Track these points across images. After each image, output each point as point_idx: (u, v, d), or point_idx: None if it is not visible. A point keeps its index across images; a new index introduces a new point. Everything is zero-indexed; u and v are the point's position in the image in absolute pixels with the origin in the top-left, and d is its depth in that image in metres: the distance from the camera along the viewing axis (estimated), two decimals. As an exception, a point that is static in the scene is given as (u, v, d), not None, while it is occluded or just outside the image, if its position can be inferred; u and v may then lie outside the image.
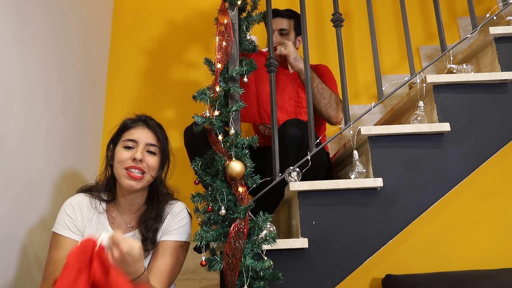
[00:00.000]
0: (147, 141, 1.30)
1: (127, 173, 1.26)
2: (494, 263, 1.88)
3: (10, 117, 1.44)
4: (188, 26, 2.53)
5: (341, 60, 1.44)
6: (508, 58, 1.44)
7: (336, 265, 1.24)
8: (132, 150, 1.29)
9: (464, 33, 2.46)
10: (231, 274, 1.14)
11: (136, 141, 1.29)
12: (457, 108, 1.38)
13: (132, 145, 1.29)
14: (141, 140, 1.30)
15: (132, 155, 1.27)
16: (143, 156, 1.27)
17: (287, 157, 1.36)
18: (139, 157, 1.26)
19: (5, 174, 1.39)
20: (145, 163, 1.28)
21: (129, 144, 1.29)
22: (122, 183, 1.27)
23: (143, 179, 1.28)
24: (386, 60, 2.46)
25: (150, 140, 1.31)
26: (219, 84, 1.32)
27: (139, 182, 1.27)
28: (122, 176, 1.27)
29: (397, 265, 1.88)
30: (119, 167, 1.27)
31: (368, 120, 2.16)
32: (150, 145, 1.31)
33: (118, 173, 1.28)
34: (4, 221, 1.38)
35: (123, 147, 1.29)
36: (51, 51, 1.75)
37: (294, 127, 1.46)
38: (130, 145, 1.29)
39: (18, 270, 1.43)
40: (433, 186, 1.31)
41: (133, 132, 1.31)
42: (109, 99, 2.36)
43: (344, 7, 2.52)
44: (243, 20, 1.45)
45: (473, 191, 2.01)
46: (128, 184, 1.26)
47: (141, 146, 1.29)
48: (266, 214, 1.20)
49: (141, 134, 1.31)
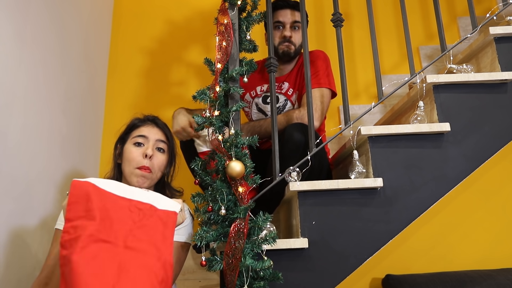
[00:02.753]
0: (157, 137, 1.32)
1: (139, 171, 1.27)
2: (494, 263, 1.88)
3: (10, 117, 1.44)
4: (188, 26, 2.53)
5: (341, 60, 1.44)
6: (508, 58, 1.44)
7: (336, 265, 1.24)
8: (142, 146, 1.30)
9: (464, 33, 2.46)
10: (231, 274, 1.14)
11: (146, 137, 1.31)
12: (457, 108, 1.38)
13: (142, 141, 1.31)
14: (151, 137, 1.31)
15: (143, 152, 1.28)
16: (153, 152, 1.29)
17: (290, 162, 1.35)
18: (150, 153, 1.28)
19: (6, 174, 1.39)
20: (154, 161, 1.29)
21: (139, 140, 1.30)
22: (131, 181, 1.27)
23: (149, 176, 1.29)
24: (386, 60, 2.46)
25: (160, 137, 1.33)
26: (219, 84, 1.32)
27: (146, 179, 1.28)
28: (132, 175, 1.27)
29: (397, 265, 1.88)
30: (129, 165, 1.28)
31: (368, 120, 2.15)
32: (160, 141, 1.33)
33: (128, 171, 1.29)
34: (5, 221, 1.38)
35: (133, 144, 1.31)
36: (51, 51, 1.75)
37: (298, 132, 1.45)
38: (140, 141, 1.31)
39: (18, 270, 1.43)
40: (433, 186, 1.31)
41: (142, 129, 1.33)
42: (109, 99, 2.36)
43: (344, 7, 2.52)
44: (243, 20, 1.45)
45: (473, 191, 2.01)
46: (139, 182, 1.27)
47: (152, 142, 1.31)
48: (266, 214, 1.19)
49: (150, 131, 1.33)
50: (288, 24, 1.76)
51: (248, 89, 1.85)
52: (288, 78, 1.81)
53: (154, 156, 1.29)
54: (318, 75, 1.72)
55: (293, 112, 1.65)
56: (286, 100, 1.80)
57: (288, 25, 1.76)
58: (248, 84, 1.80)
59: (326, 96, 1.71)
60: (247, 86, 1.82)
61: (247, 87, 1.83)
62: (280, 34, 1.76)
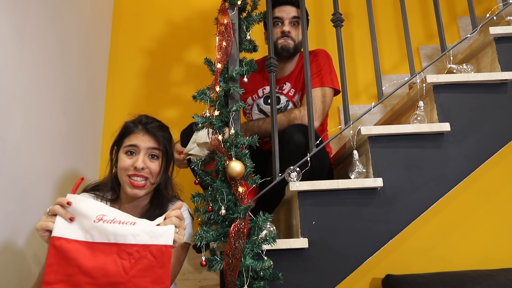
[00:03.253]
0: (148, 146, 1.30)
1: (130, 182, 1.26)
2: (494, 263, 1.88)
3: (10, 117, 1.44)
4: (188, 26, 2.53)
5: (341, 60, 1.44)
6: (508, 58, 1.44)
7: (336, 265, 1.24)
8: (134, 156, 1.29)
9: (464, 33, 2.46)
10: (231, 274, 1.14)
11: (137, 146, 1.29)
12: (457, 108, 1.38)
13: (133, 150, 1.30)
14: (142, 146, 1.29)
15: (133, 163, 1.27)
16: (144, 164, 1.27)
17: (290, 163, 1.34)
18: (140, 165, 1.26)
19: (6, 174, 1.39)
20: (148, 169, 1.28)
21: (130, 149, 1.30)
22: (126, 190, 1.27)
23: (146, 186, 1.28)
24: (386, 60, 2.46)
25: (151, 145, 1.30)
26: (219, 84, 1.32)
27: (142, 189, 1.27)
28: (125, 184, 1.27)
29: (397, 265, 1.88)
30: (122, 174, 1.28)
31: (368, 120, 2.16)
32: (151, 149, 1.30)
33: (122, 179, 1.29)
34: (5, 221, 1.38)
35: (125, 153, 1.30)
36: (51, 51, 1.75)
37: (299, 133, 1.44)
38: (131, 150, 1.30)
39: (19, 271, 1.43)
40: (433, 186, 1.31)
41: (132, 138, 1.31)
42: (109, 99, 2.36)
43: (344, 7, 2.52)
44: (243, 20, 1.45)
45: (473, 191, 2.01)
46: (132, 192, 1.26)
47: (142, 152, 1.29)
48: (266, 214, 1.19)
49: (141, 141, 1.30)
50: (287, 20, 1.73)
51: (251, 93, 1.84)
52: (289, 78, 1.80)
53: (146, 165, 1.27)
54: (319, 74, 1.71)
55: (292, 112, 1.65)
56: (288, 101, 1.79)
57: (287, 21, 1.73)
58: (250, 87, 1.80)
59: (328, 95, 1.69)
60: (250, 89, 1.82)
61: (250, 90, 1.83)
62: (279, 30, 1.74)
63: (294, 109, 1.66)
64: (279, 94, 1.79)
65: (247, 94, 1.84)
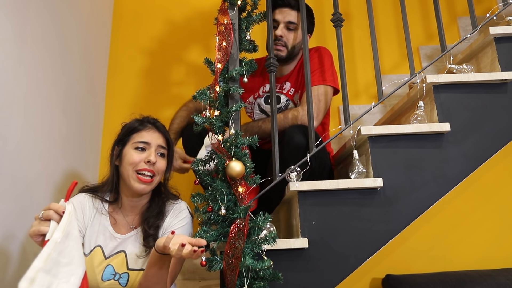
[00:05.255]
0: (158, 143, 1.32)
1: (137, 177, 1.27)
2: (494, 263, 1.88)
3: (10, 117, 1.44)
4: (188, 26, 2.53)
5: (341, 60, 1.44)
6: (508, 58, 1.44)
7: (336, 265, 1.24)
8: (144, 152, 1.30)
9: (464, 33, 2.46)
10: (231, 274, 1.14)
11: (148, 143, 1.30)
12: (457, 108, 1.38)
13: (144, 146, 1.30)
14: (153, 143, 1.31)
15: (145, 157, 1.28)
16: (156, 159, 1.29)
17: (290, 164, 1.34)
18: (153, 159, 1.28)
19: (6, 174, 1.39)
20: (157, 166, 1.29)
21: (141, 146, 1.30)
22: (132, 186, 1.27)
23: (152, 182, 1.29)
24: (386, 60, 2.46)
25: (161, 143, 1.33)
26: (219, 84, 1.32)
27: (149, 185, 1.29)
28: (132, 179, 1.28)
29: (397, 265, 1.88)
30: (129, 169, 1.28)
31: (368, 120, 2.16)
32: (161, 147, 1.33)
33: (127, 175, 1.29)
34: (5, 221, 1.38)
35: (134, 149, 1.30)
36: (51, 51, 1.75)
37: (299, 134, 1.44)
38: (142, 147, 1.30)
39: (18, 271, 1.43)
40: (433, 186, 1.31)
41: (144, 134, 1.32)
42: (109, 99, 2.36)
43: (344, 7, 2.52)
44: (243, 20, 1.45)
45: (473, 191, 2.01)
46: (139, 187, 1.27)
47: (154, 148, 1.30)
48: (266, 214, 1.19)
49: (152, 137, 1.32)
50: (282, 24, 1.70)
51: (251, 92, 1.84)
52: (289, 77, 1.80)
53: (156, 161, 1.29)
54: (321, 70, 1.69)
55: (292, 111, 1.64)
56: (288, 100, 1.79)
57: (282, 25, 1.70)
58: (251, 87, 1.80)
59: (328, 94, 1.67)
60: (251, 89, 1.82)
61: (251, 89, 1.82)
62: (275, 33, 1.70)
63: (294, 109, 1.66)
64: (279, 93, 1.79)
65: (248, 93, 1.84)
